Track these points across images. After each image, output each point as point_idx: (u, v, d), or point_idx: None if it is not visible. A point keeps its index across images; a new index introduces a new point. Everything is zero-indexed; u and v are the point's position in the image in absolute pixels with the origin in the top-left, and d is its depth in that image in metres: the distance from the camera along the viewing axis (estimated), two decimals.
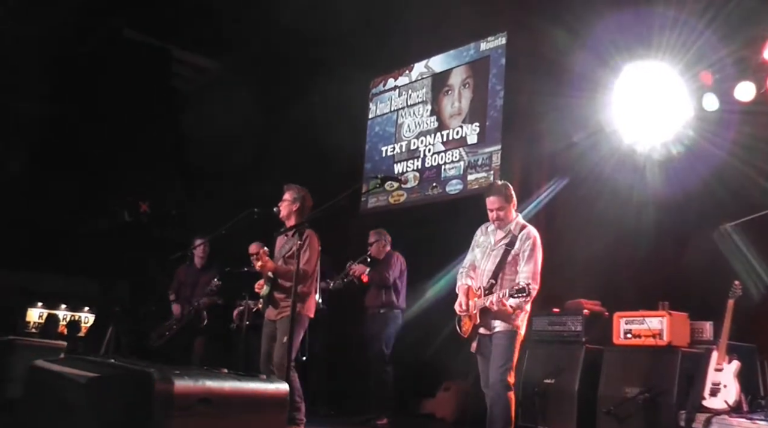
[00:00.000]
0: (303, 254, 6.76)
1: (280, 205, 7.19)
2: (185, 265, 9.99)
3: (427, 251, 9.54)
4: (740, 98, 8.11)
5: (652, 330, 7.02)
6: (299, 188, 7.25)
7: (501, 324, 5.90)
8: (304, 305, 7.01)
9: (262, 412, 3.86)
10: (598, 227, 8.70)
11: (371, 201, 11.70)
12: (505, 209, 6.06)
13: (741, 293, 6.41)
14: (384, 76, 12.19)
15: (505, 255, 5.97)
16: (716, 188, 7.89)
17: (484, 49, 10.49)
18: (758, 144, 7.77)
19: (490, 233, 6.22)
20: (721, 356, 6.32)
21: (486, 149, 10.01)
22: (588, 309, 7.77)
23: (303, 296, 6.95)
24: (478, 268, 6.18)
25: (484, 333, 5.99)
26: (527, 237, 5.98)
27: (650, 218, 8.33)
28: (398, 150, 11.49)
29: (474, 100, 10.48)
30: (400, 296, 9.03)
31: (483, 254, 6.17)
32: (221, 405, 3.65)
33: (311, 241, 6.98)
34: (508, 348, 5.85)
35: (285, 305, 6.86)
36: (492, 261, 6.04)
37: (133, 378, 3.68)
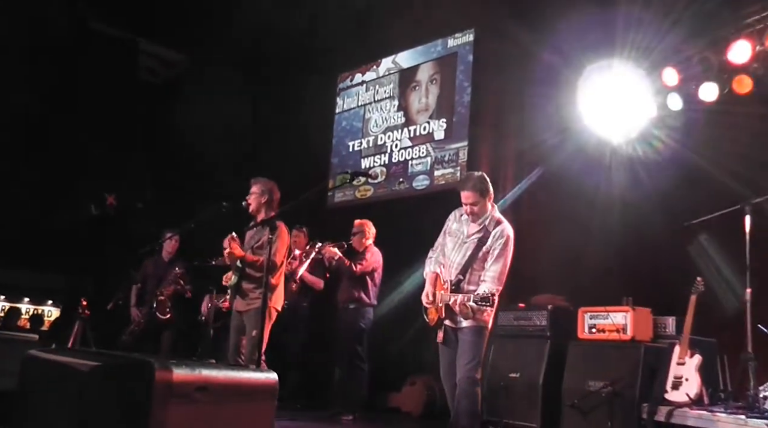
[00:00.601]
0: (273, 246, 6.80)
1: (248, 199, 7.21)
2: (153, 258, 9.96)
3: (394, 246, 9.57)
4: (704, 98, 8.25)
5: (615, 325, 7.13)
6: (266, 181, 7.28)
7: (465, 320, 5.83)
8: (272, 297, 7.04)
9: (254, 400, 3.93)
10: (564, 223, 8.81)
11: (338, 196, 11.74)
12: (480, 204, 5.92)
13: (703, 288, 6.54)
14: (351, 71, 12.23)
15: (476, 250, 5.88)
16: (681, 186, 8.03)
17: (451, 45, 10.56)
18: (722, 143, 7.90)
19: (463, 222, 6.08)
20: (684, 350, 6.45)
21: (453, 145, 10.10)
22: (553, 304, 7.87)
23: (271, 288, 6.98)
24: (447, 257, 6.06)
25: (450, 326, 5.94)
26: (500, 235, 5.89)
27: (616, 215, 8.45)
28: (365, 145, 11.54)
29: (441, 96, 10.56)
30: (370, 293, 8.99)
31: (454, 244, 6.04)
32: (217, 393, 3.72)
33: (281, 233, 7.02)
34: (476, 343, 5.81)
35: (253, 297, 6.91)
36: (462, 255, 5.93)
37: (133, 367, 3.73)
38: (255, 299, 6.80)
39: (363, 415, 8.85)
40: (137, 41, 12.63)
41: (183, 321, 9.97)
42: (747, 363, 6.15)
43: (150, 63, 13.19)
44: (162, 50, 12.95)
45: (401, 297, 9.63)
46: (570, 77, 9.14)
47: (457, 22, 10.44)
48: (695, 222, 6.74)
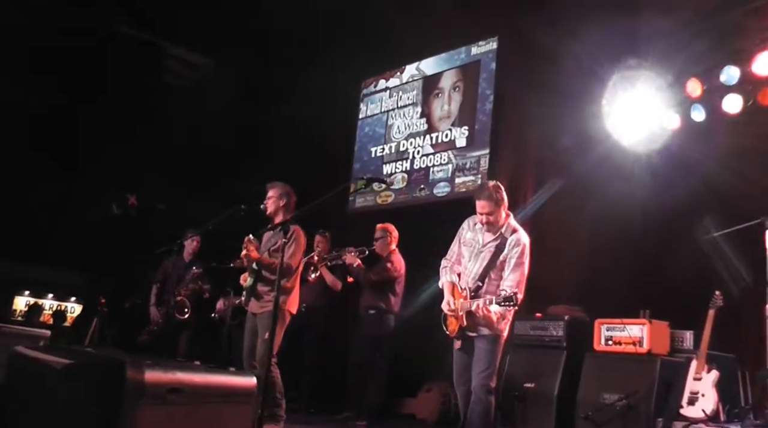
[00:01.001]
0: (288, 249, 6.83)
1: (266, 202, 7.23)
2: (173, 258, 9.99)
3: (413, 252, 9.55)
4: (728, 110, 8.19)
5: (632, 338, 7.09)
6: (283, 185, 7.30)
7: (485, 329, 5.86)
8: (287, 300, 7.05)
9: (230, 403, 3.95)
10: (583, 233, 8.78)
11: (359, 201, 11.73)
12: (495, 213, 5.88)
13: (722, 303, 6.46)
14: (375, 77, 12.23)
15: (493, 259, 5.87)
16: (702, 198, 7.97)
17: (475, 53, 10.53)
18: (745, 154, 7.84)
19: (477, 231, 6.08)
20: (701, 365, 6.38)
21: (474, 153, 10.06)
22: (570, 315, 7.83)
23: (286, 291, 7.00)
24: (463, 266, 6.09)
25: (470, 335, 5.93)
26: (517, 243, 5.87)
27: (635, 226, 8.40)
28: (387, 151, 11.53)
29: (464, 103, 10.52)
30: (392, 300, 8.91)
31: (470, 254, 6.05)
32: (192, 394, 3.75)
33: (297, 236, 7.06)
34: (492, 352, 5.84)
35: (268, 299, 6.90)
36: (479, 264, 5.94)
37: (106, 366, 3.75)
38: (269, 302, 6.76)
39: (377, 421, 8.82)
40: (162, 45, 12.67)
41: (201, 321, 10.00)
42: (765, 380, 6.09)
43: (175, 66, 13.24)
44: (187, 53, 12.99)
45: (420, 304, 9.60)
46: (593, 86, 9.11)
47: (480, 29, 10.41)
48: (715, 235, 6.66)
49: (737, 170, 7.83)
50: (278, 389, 6.95)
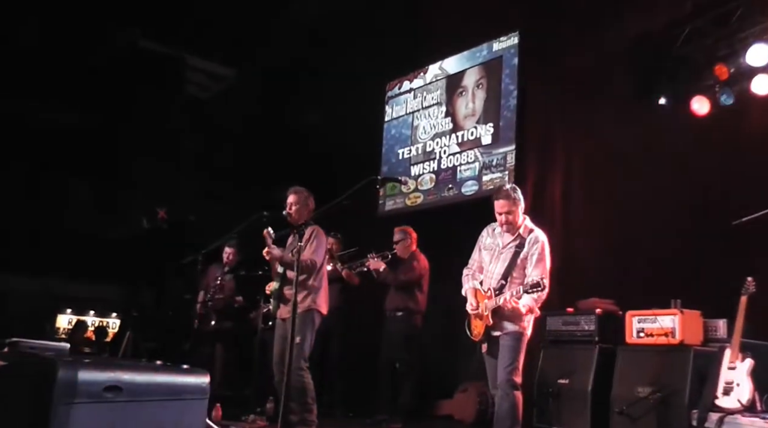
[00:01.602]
0: (310, 246, 6.83)
1: (288, 208, 7.19)
2: (215, 266, 9.98)
3: (444, 252, 9.49)
4: (757, 92, 8.04)
5: (664, 329, 6.95)
6: (303, 190, 7.26)
7: (509, 326, 5.96)
8: (316, 299, 7.00)
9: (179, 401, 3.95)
10: (610, 225, 8.66)
11: (389, 204, 11.68)
12: (513, 213, 6.06)
13: (754, 289, 6.30)
14: (399, 78, 12.17)
15: (515, 258, 6.01)
16: (731, 185, 7.82)
17: (496, 49, 10.42)
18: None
19: (497, 235, 6.24)
20: (734, 354, 6.22)
21: (500, 150, 9.95)
22: (601, 308, 7.71)
23: (314, 289, 6.99)
24: (485, 270, 6.23)
25: (495, 335, 6.02)
26: (535, 241, 6.02)
27: (664, 215, 8.27)
28: (414, 152, 11.46)
29: (488, 100, 10.42)
30: (420, 300, 8.94)
31: (491, 256, 6.21)
32: (132, 393, 3.75)
33: (318, 234, 7.07)
34: (515, 348, 5.92)
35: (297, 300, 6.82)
36: (501, 264, 6.08)
37: (38, 366, 3.79)
38: (298, 304, 6.74)
39: (414, 423, 8.77)
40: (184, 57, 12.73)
41: (238, 328, 9.98)
42: None
43: (197, 78, 13.30)
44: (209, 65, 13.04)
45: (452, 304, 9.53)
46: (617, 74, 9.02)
47: (501, 25, 10.31)
48: (745, 220, 6.49)
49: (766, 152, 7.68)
50: (310, 394, 6.89)
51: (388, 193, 11.68)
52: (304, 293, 6.92)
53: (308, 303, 6.96)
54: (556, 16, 9.35)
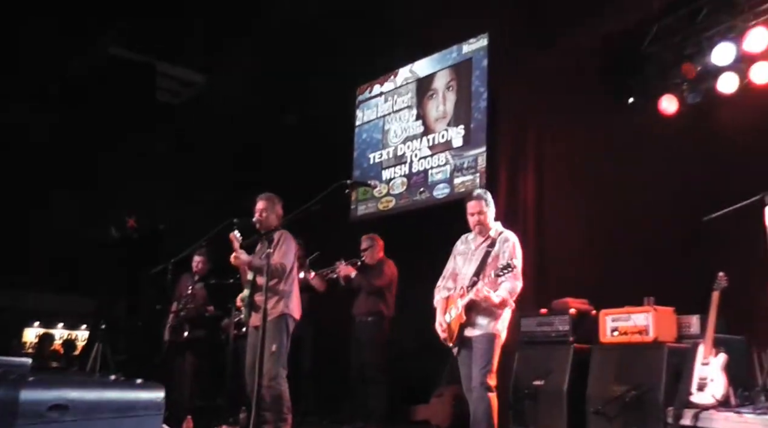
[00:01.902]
0: (279, 250, 6.77)
1: (258, 215, 7.12)
2: (186, 275, 9.87)
3: (417, 256, 9.46)
4: (723, 90, 8.07)
5: (638, 327, 6.93)
6: (271, 196, 7.21)
7: (483, 322, 6.01)
8: (288, 304, 6.94)
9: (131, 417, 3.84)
10: (583, 225, 8.66)
11: (361, 208, 11.65)
12: (484, 214, 6.25)
13: (726, 284, 6.31)
14: (370, 82, 12.14)
15: (486, 256, 6.13)
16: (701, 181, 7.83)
17: (466, 51, 10.43)
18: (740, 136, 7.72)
19: (469, 241, 6.43)
20: (708, 349, 6.22)
21: (471, 152, 9.94)
22: (575, 308, 7.67)
23: (285, 294, 6.93)
24: (459, 274, 6.33)
25: (468, 336, 6.06)
26: (506, 240, 6.18)
27: (634, 213, 8.28)
28: (386, 156, 11.43)
29: (458, 102, 10.42)
30: (388, 305, 8.93)
31: (464, 260, 6.36)
32: (80, 411, 3.62)
33: (286, 238, 7.02)
34: (489, 350, 5.96)
35: (269, 307, 6.72)
36: (473, 264, 6.20)
37: None
38: (270, 309, 6.65)
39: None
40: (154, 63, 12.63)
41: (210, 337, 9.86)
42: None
43: (168, 84, 13.19)
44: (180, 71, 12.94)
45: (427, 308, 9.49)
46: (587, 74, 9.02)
47: (471, 27, 10.31)
48: (715, 216, 6.49)
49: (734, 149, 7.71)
50: (285, 404, 6.81)
51: (360, 198, 11.67)
52: (276, 298, 6.84)
53: (280, 309, 6.89)
54: (524, 16, 9.37)
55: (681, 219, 7.68)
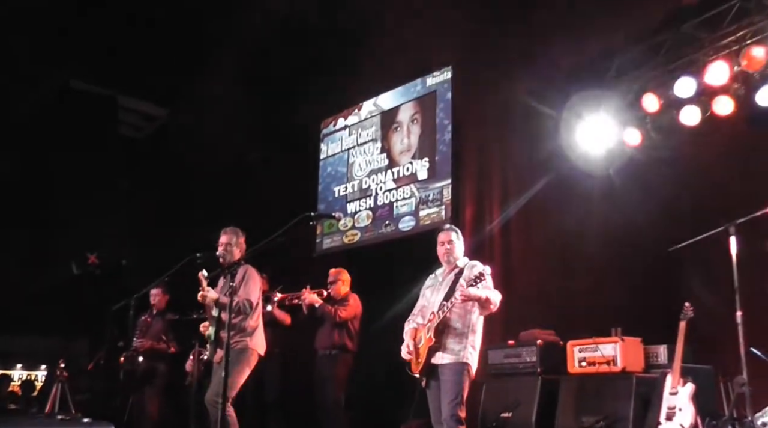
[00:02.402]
0: (244, 286, 6.69)
1: (221, 249, 7.03)
2: (147, 313, 9.72)
3: (381, 289, 9.41)
4: (686, 123, 8.15)
5: (605, 357, 6.94)
6: (235, 229, 7.14)
7: (452, 353, 5.91)
8: (253, 338, 6.85)
9: None
10: (549, 256, 8.68)
11: (326, 242, 11.59)
12: (456, 245, 6.23)
13: (692, 314, 6.34)
14: (334, 116, 12.13)
15: (455, 283, 6.04)
16: (665, 213, 7.89)
17: (430, 84, 10.45)
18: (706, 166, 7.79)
19: (437, 276, 6.38)
20: (676, 379, 6.23)
21: (436, 184, 9.94)
22: (542, 339, 7.67)
23: (249, 330, 6.84)
24: (428, 304, 6.23)
25: (436, 363, 5.95)
26: (475, 266, 6.09)
27: (600, 245, 8.31)
28: (350, 189, 11.40)
29: (423, 135, 10.43)
30: (351, 339, 8.80)
31: (432, 291, 6.31)
32: None
33: (250, 273, 6.94)
34: (458, 381, 5.85)
35: (232, 342, 6.61)
36: (442, 292, 6.12)
37: None
38: (234, 344, 6.55)
39: None
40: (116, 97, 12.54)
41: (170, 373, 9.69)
42: (742, 387, 5.93)
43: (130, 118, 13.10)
44: (142, 105, 12.86)
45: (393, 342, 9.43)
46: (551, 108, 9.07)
47: (435, 60, 10.35)
48: (680, 246, 6.52)
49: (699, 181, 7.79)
50: None
51: (325, 231, 11.62)
52: (240, 335, 6.76)
53: (244, 344, 6.81)
54: (488, 49, 9.40)
55: (647, 250, 7.73)
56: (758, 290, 6.23)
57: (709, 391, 6.63)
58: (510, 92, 9.27)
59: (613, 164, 8.61)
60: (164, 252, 10.52)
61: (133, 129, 13.32)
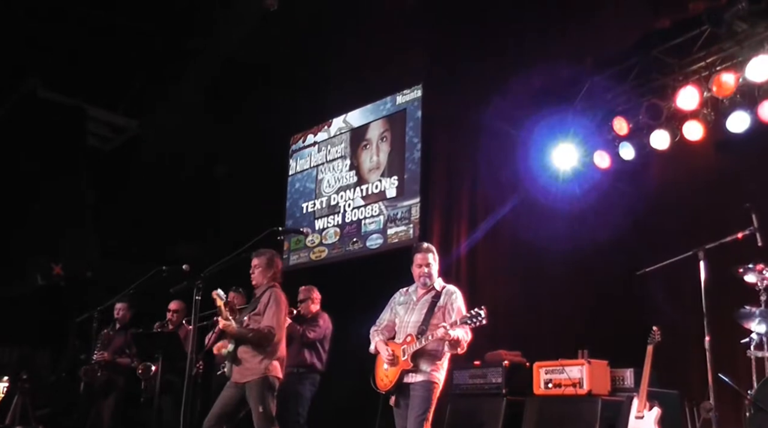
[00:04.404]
0: (268, 311, 6.48)
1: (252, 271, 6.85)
2: (109, 327, 9.57)
3: (348, 307, 9.34)
4: (656, 146, 8.20)
5: (572, 379, 6.93)
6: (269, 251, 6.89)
7: (423, 373, 5.86)
8: (271, 364, 6.53)
9: None
10: (517, 277, 8.68)
11: (293, 258, 11.52)
12: (432, 267, 6.14)
13: (659, 338, 6.35)
14: (303, 132, 12.09)
15: (432, 307, 6.00)
16: (634, 236, 7.93)
17: (400, 102, 10.46)
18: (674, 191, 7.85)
19: (410, 293, 6.26)
20: (642, 403, 6.24)
21: (405, 203, 9.93)
22: (508, 360, 7.64)
23: (269, 353, 6.50)
24: (399, 323, 6.16)
25: (407, 382, 5.91)
26: (452, 292, 6.07)
27: (568, 267, 8.32)
28: (318, 206, 11.36)
29: (392, 153, 10.42)
30: (320, 358, 8.69)
31: (406, 310, 6.18)
32: None
33: (277, 296, 6.63)
34: (426, 398, 5.81)
35: (249, 366, 6.43)
36: (417, 313, 6.04)
37: None
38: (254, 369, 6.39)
39: None
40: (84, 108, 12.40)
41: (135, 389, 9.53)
42: (708, 413, 5.95)
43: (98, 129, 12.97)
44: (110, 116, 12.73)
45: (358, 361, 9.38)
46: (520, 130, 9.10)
47: (405, 78, 10.35)
48: (648, 270, 6.54)
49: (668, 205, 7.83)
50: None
51: (292, 247, 11.56)
52: (259, 357, 6.52)
53: (262, 370, 6.54)
54: (458, 68, 9.42)
55: (615, 273, 7.76)
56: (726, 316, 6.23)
57: (675, 416, 6.64)
58: (479, 112, 9.28)
59: (582, 186, 8.63)
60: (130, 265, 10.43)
61: (101, 140, 13.17)
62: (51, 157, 12.02)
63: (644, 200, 8.21)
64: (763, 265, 6.25)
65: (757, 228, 5.72)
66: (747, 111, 7.55)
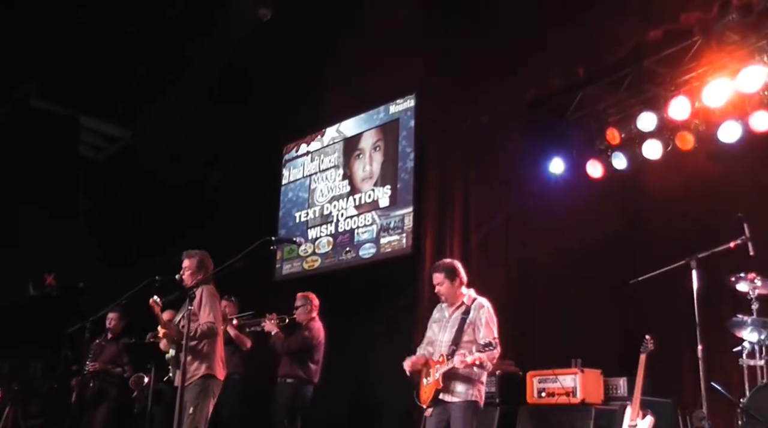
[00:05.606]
0: (204, 309, 6.49)
1: (182, 273, 6.89)
2: (101, 337, 9.55)
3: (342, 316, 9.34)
4: (648, 156, 8.25)
5: (565, 388, 6.95)
6: (199, 253, 6.98)
7: (459, 394, 5.96)
8: (212, 365, 6.53)
9: None
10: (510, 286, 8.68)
11: (286, 267, 11.51)
12: (446, 285, 6.24)
13: (653, 347, 6.36)
14: (296, 142, 12.09)
15: (462, 324, 6.10)
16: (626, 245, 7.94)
17: (393, 111, 10.47)
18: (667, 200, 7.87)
19: (444, 309, 6.36)
20: (635, 412, 6.24)
21: (398, 212, 9.94)
22: (501, 369, 7.65)
23: (209, 354, 6.52)
24: (435, 341, 6.25)
25: (444, 400, 6.00)
26: (480, 306, 6.18)
27: (562, 276, 8.34)
28: (312, 215, 11.37)
29: (385, 163, 10.43)
30: (311, 369, 8.58)
31: (439, 327, 6.30)
32: None
33: (209, 294, 6.66)
34: (468, 419, 5.91)
35: (192, 368, 6.45)
36: (449, 332, 6.15)
37: None
38: (195, 371, 6.42)
39: None
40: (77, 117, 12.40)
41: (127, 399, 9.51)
42: (702, 421, 5.96)
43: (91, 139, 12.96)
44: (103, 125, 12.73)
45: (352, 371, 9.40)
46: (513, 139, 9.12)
47: (398, 88, 10.36)
48: (641, 279, 6.55)
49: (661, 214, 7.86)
50: None
51: (285, 256, 11.55)
52: (198, 360, 6.55)
53: (203, 370, 6.57)
54: (451, 79, 9.43)
55: (608, 282, 7.76)
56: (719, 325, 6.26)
57: (668, 425, 6.66)
58: (473, 122, 9.30)
59: (575, 195, 8.65)
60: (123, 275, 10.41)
61: (94, 150, 13.17)
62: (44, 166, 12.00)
63: (636, 210, 8.23)
64: (754, 274, 6.29)
65: (749, 238, 5.74)
66: (738, 121, 7.60)
